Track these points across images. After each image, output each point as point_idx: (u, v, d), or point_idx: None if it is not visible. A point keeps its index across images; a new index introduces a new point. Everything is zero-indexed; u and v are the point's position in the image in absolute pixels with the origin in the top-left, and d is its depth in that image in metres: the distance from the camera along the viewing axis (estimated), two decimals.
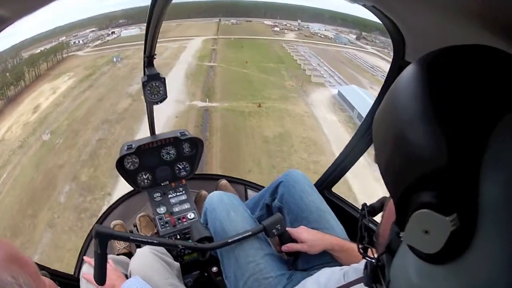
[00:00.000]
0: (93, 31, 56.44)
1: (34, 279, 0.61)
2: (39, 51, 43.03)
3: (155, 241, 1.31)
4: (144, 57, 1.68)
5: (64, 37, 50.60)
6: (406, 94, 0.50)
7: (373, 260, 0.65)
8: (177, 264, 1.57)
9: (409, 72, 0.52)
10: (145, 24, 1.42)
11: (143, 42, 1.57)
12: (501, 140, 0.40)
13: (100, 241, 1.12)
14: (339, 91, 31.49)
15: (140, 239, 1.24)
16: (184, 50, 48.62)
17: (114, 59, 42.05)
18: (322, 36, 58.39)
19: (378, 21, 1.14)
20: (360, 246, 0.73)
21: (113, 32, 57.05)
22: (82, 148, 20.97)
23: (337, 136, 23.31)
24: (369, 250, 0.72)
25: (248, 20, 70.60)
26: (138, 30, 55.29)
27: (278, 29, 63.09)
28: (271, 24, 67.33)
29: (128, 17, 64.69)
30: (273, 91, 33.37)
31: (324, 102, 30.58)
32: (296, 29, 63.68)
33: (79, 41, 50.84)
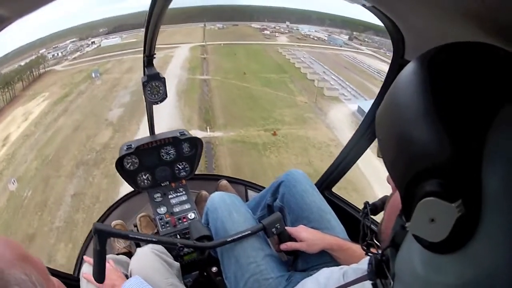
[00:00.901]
0: (73, 41, 55.24)
1: (45, 278, 0.67)
2: (17, 66, 42.03)
3: (154, 239, 1.39)
4: (143, 57, 1.81)
5: (44, 49, 49.48)
6: (406, 92, 0.56)
7: (378, 255, 0.71)
8: (177, 264, 1.67)
9: (408, 70, 0.57)
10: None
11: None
12: (500, 132, 0.45)
13: (99, 238, 1.20)
14: (359, 107, 28.69)
15: (139, 237, 1.34)
16: (171, 60, 46.50)
17: (93, 75, 39.74)
18: (316, 38, 58.22)
19: (368, 20, 1.22)
20: (363, 243, 0.79)
21: (93, 42, 56.08)
22: (55, 209, 17.31)
23: (378, 175, 16.21)
24: (374, 246, 0.78)
25: (234, 24, 70.91)
26: (118, 40, 54.01)
27: (268, 32, 62.72)
28: (259, 27, 67.33)
29: (109, 25, 64.27)
30: (285, 110, 29.76)
31: (346, 123, 27.56)
32: (287, 31, 63.71)
33: (58, 54, 49.76)
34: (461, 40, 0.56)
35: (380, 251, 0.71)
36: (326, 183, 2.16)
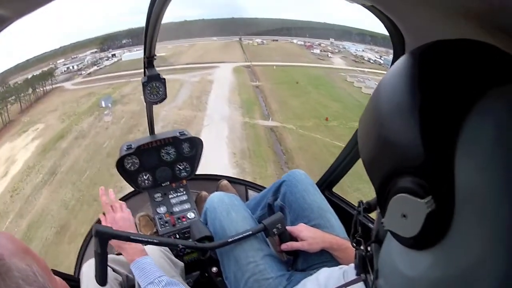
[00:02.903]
0: (94, 52, 52.69)
1: (46, 273, 0.72)
2: (30, 76, 38.92)
3: (156, 241, 1.48)
4: (144, 58, 2.01)
5: (63, 59, 46.94)
6: (386, 87, 0.60)
7: (362, 250, 0.78)
8: (181, 264, 1.84)
9: (393, 67, 0.62)
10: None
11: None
12: (473, 126, 0.47)
13: (100, 240, 1.26)
14: None
15: (141, 238, 1.39)
16: (211, 87, 39.71)
17: (102, 104, 33.80)
18: (371, 61, 52.59)
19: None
20: (353, 240, 0.83)
21: (113, 55, 53.04)
22: None
23: None
24: (363, 243, 0.83)
25: (274, 39, 66.42)
26: (143, 53, 48.35)
27: (318, 51, 56.89)
28: (302, 43, 62.24)
29: (133, 36, 61.29)
30: None
31: None
32: (336, 50, 57.77)
33: (73, 66, 46.55)
34: None
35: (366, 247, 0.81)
36: (326, 183, 2.34)
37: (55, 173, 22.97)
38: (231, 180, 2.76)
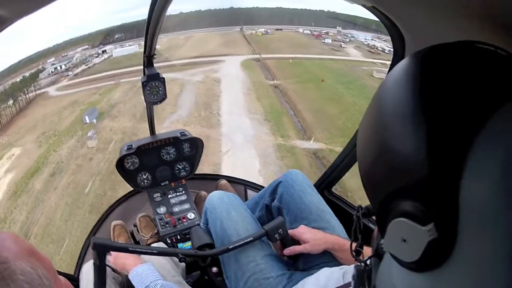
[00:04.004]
0: (85, 49, 51.20)
1: (52, 275, 0.73)
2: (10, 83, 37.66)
3: (155, 251, 1.55)
4: (143, 57, 2.07)
5: (53, 58, 45.69)
6: (388, 95, 0.58)
7: (362, 263, 0.79)
8: (183, 264, 1.94)
9: (395, 70, 0.60)
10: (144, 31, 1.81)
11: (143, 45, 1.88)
12: (483, 148, 0.45)
13: (98, 253, 1.32)
14: None
15: (140, 249, 1.46)
16: (219, 89, 35.44)
17: (86, 119, 29.76)
18: (386, 51, 48.69)
19: None
20: (353, 249, 0.84)
21: (104, 51, 51.35)
22: None
23: None
24: (362, 253, 0.84)
25: (278, 29, 64.63)
26: (136, 47, 50.17)
27: (330, 41, 53.86)
28: (310, 33, 59.73)
29: (126, 30, 60.55)
30: None
31: None
32: (347, 40, 54.86)
33: (61, 66, 45.11)
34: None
35: (366, 259, 0.81)
36: (326, 183, 2.45)
37: (28, 238, 18.89)
38: (230, 179, 2.93)
